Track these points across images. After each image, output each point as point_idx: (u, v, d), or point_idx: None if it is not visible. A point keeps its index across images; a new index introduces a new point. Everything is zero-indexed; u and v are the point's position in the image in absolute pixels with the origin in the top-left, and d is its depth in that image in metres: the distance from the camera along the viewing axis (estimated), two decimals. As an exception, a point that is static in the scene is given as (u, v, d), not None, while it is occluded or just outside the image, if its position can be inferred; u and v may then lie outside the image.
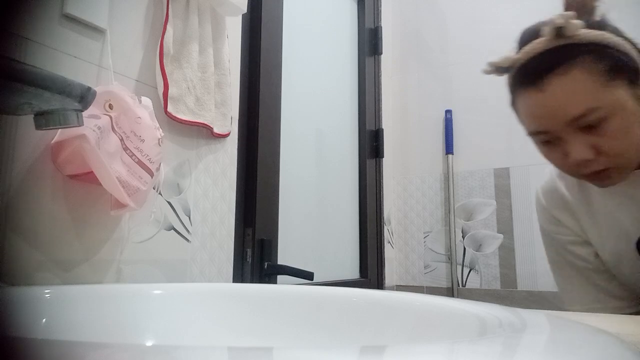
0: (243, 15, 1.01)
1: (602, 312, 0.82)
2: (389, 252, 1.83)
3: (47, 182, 0.64)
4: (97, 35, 0.72)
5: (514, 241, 1.69)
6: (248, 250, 1.07)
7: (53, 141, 0.63)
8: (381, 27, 1.92)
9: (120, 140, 0.65)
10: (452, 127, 1.91)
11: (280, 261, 1.17)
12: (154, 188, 0.80)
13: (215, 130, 0.92)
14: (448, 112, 1.94)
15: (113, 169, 0.62)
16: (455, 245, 1.82)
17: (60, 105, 0.48)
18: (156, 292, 0.58)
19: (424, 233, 1.90)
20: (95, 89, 0.53)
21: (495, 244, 1.76)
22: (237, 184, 1.02)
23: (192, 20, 0.86)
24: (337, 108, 1.65)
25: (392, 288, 1.81)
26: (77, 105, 0.49)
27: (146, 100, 0.73)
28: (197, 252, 0.89)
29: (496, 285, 1.75)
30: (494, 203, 1.76)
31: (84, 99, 0.50)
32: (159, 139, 0.71)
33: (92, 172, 0.61)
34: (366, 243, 1.67)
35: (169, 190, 0.85)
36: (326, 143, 1.53)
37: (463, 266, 1.81)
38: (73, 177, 0.66)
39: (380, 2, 1.96)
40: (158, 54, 0.81)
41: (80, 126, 0.52)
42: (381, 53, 1.91)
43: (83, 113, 0.51)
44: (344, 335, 0.54)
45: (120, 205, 0.66)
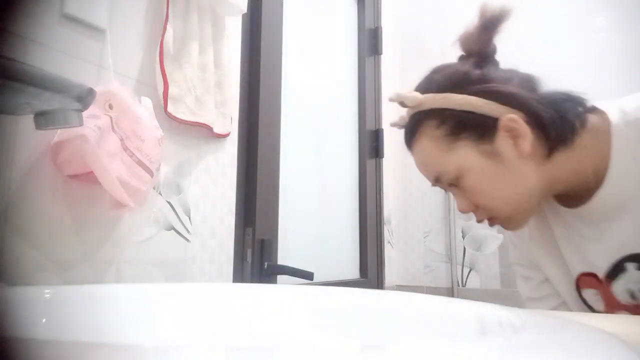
0: (243, 15, 1.01)
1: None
2: (389, 252, 1.83)
3: (47, 182, 0.64)
4: (97, 35, 0.72)
5: (514, 241, 1.69)
6: (248, 250, 1.07)
7: (53, 141, 0.63)
8: (381, 27, 1.92)
9: (120, 140, 0.65)
10: (452, 127, 1.91)
11: (280, 261, 1.17)
12: (154, 188, 0.80)
13: (215, 130, 0.92)
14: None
15: (113, 169, 0.62)
16: (455, 245, 1.82)
17: (60, 105, 0.48)
18: (156, 292, 0.58)
19: (424, 233, 1.90)
20: (95, 89, 0.53)
21: (495, 244, 1.76)
22: (237, 184, 1.02)
23: (192, 20, 0.86)
24: (337, 108, 1.65)
25: (392, 288, 1.81)
26: (77, 105, 0.49)
27: (146, 100, 0.73)
28: (197, 252, 0.89)
29: (496, 285, 1.75)
30: (494, 203, 1.75)
31: (84, 99, 0.50)
32: (159, 139, 0.71)
33: (92, 172, 0.61)
34: (366, 243, 1.67)
35: (169, 190, 0.84)
36: (326, 143, 1.53)
37: (463, 266, 1.81)
38: (73, 177, 0.66)
39: (380, 2, 1.96)
40: (158, 54, 0.81)
41: (80, 126, 0.51)
42: (381, 53, 1.91)
43: (83, 113, 0.51)
44: (344, 335, 0.54)
45: (120, 205, 0.66)
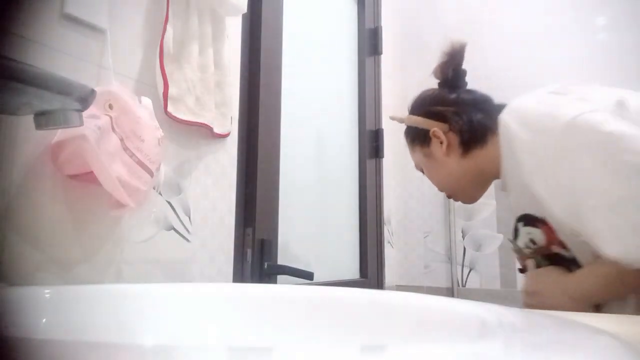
0: (243, 15, 1.01)
1: None
2: (389, 252, 1.83)
3: (47, 182, 0.64)
4: (97, 35, 0.72)
5: (514, 241, 1.69)
6: (248, 250, 1.07)
7: (53, 141, 0.63)
8: (381, 27, 1.92)
9: (120, 141, 0.65)
10: (452, 127, 1.91)
11: (280, 261, 1.17)
12: (154, 188, 0.80)
13: (215, 130, 0.92)
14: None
15: (113, 169, 0.62)
16: (455, 246, 1.82)
17: (61, 105, 0.48)
18: (156, 292, 0.58)
19: (424, 233, 1.90)
20: (95, 89, 0.53)
21: (495, 244, 1.76)
22: (237, 184, 1.02)
23: (192, 20, 0.86)
24: (337, 108, 1.65)
25: (392, 288, 1.81)
26: (77, 105, 0.49)
27: (146, 100, 0.73)
28: (197, 252, 0.89)
29: (496, 285, 1.75)
30: (494, 203, 1.76)
31: (84, 99, 0.50)
32: (159, 139, 0.71)
33: (92, 172, 0.61)
34: (366, 243, 1.67)
35: (169, 190, 0.84)
36: (326, 143, 1.53)
37: (463, 266, 1.81)
38: (73, 177, 0.66)
39: (380, 2, 1.96)
40: (158, 54, 0.81)
41: (80, 126, 0.52)
42: (381, 53, 1.91)
43: (83, 113, 0.51)
44: (344, 335, 0.54)
45: (120, 205, 0.66)
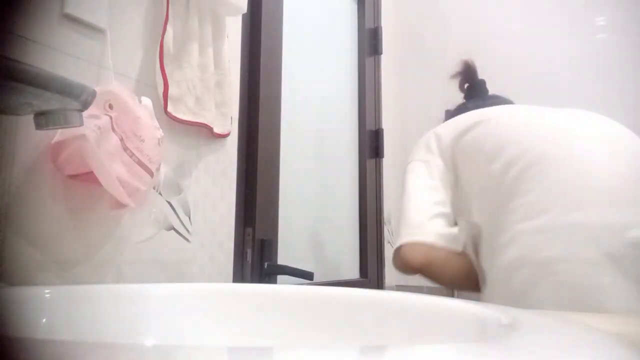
0: (243, 15, 1.01)
1: None
2: (389, 252, 1.83)
3: (47, 182, 0.64)
4: (97, 35, 0.72)
5: (514, 241, 1.69)
6: (248, 250, 1.07)
7: (53, 141, 0.63)
8: (381, 27, 1.92)
9: (120, 140, 0.65)
10: (452, 127, 1.91)
11: (280, 261, 1.17)
12: (154, 188, 0.80)
13: (215, 130, 0.92)
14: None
15: (113, 169, 0.62)
16: (455, 245, 1.82)
17: (61, 105, 0.48)
18: (156, 292, 0.58)
19: (424, 233, 1.90)
20: (95, 89, 0.53)
21: (495, 244, 1.75)
22: (237, 184, 1.02)
23: (192, 20, 0.86)
24: (337, 108, 1.65)
25: (392, 288, 1.81)
26: (77, 105, 0.49)
27: (146, 100, 0.73)
28: (197, 252, 0.89)
29: (496, 285, 1.74)
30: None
31: (84, 99, 0.50)
32: (159, 139, 0.71)
33: (92, 172, 0.60)
34: (366, 243, 1.67)
35: (169, 190, 0.84)
36: (326, 143, 1.53)
37: (463, 266, 1.80)
38: (73, 177, 0.66)
39: (380, 2, 1.96)
40: (158, 54, 0.81)
41: (80, 126, 0.52)
42: (381, 53, 1.91)
43: (83, 113, 0.51)
44: (344, 335, 0.54)
45: (120, 205, 0.66)
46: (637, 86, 1.63)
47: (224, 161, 0.99)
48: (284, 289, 0.64)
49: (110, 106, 0.65)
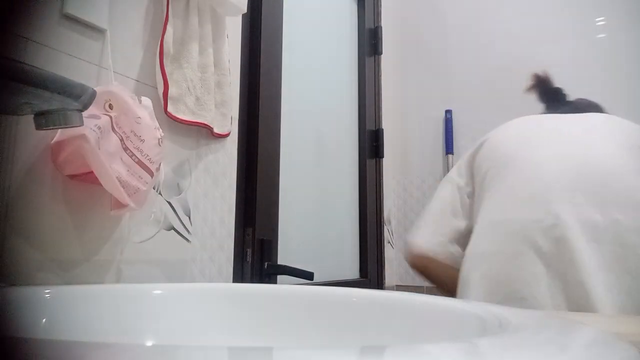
0: (243, 15, 1.00)
1: None
2: (389, 252, 1.83)
3: (47, 182, 0.64)
4: (97, 35, 0.72)
5: (514, 241, 1.69)
6: (248, 250, 1.07)
7: (53, 141, 0.63)
8: (381, 27, 1.92)
9: (120, 140, 0.65)
10: (452, 127, 1.91)
11: (280, 261, 1.17)
12: (154, 188, 0.80)
13: (215, 130, 0.92)
14: (448, 112, 1.94)
15: (113, 169, 0.62)
16: (455, 245, 1.82)
17: (61, 105, 0.48)
18: (156, 292, 0.58)
19: (424, 233, 1.90)
20: (95, 89, 0.53)
21: (495, 244, 1.76)
22: (237, 184, 1.02)
23: (192, 20, 0.86)
24: (337, 108, 1.65)
25: (392, 288, 1.81)
26: (77, 105, 0.49)
27: (146, 100, 0.73)
28: (197, 252, 0.89)
29: (496, 285, 1.74)
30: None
31: (84, 99, 0.50)
32: (159, 139, 0.71)
33: (92, 172, 0.61)
34: (366, 243, 1.67)
35: (169, 190, 0.84)
36: (326, 143, 1.53)
37: (463, 266, 1.80)
38: (73, 177, 0.66)
39: (380, 2, 1.96)
40: (158, 54, 0.81)
41: (80, 126, 0.52)
42: (381, 53, 1.91)
43: (83, 113, 0.51)
44: (344, 335, 0.54)
45: (120, 205, 0.66)
46: (637, 86, 1.63)
47: (224, 161, 0.99)
48: (284, 289, 0.64)
49: (110, 106, 0.65)
